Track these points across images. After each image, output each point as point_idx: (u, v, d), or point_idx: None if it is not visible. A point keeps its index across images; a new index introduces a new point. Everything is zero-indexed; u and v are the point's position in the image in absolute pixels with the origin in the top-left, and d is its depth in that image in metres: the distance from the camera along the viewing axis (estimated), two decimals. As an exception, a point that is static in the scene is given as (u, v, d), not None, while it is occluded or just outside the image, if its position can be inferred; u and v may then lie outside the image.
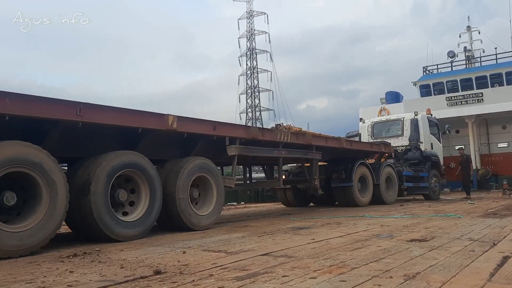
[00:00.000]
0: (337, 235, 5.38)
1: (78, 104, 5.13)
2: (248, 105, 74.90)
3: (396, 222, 6.82)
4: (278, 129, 8.83)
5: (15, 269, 3.73)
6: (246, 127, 7.90)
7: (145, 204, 5.94)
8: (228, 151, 7.39)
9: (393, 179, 12.74)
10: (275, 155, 8.72)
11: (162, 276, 3.21)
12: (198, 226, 6.60)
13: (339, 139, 11.28)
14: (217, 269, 3.44)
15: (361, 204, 11.19)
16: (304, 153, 9.65)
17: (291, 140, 8.92)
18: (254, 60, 74.49)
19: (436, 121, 16.71)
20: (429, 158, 14.74)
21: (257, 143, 8.09)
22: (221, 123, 7.35)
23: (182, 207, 6.38)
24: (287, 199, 12.82)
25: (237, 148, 7.45)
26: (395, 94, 28.02)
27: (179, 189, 6.36)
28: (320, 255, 3.97)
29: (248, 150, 7.82)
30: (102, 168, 5.39)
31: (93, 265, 3.83)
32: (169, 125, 6.22)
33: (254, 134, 7.85)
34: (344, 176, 11.09)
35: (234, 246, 4.76)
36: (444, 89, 25.98)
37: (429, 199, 14.30)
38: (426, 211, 9.16)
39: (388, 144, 13.88)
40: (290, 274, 3.16)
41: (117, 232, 5.48)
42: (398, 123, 15.30)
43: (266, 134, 8.34)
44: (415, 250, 4.07)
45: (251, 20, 74.23)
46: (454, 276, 2.99)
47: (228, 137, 7.37)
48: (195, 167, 6.72)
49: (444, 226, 6.15)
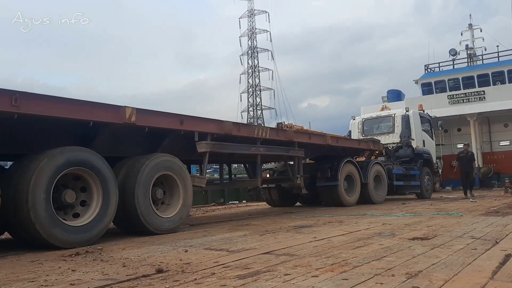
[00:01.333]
0: (339, 234, 5.38)
1: (14, 93, 4.52)
2: (250, 104, 74.97)
3: (398, 221, 6.81)
4: (255, 124, 8.67)
5: (18, 268, 3.74)
6: (219, 122, 7.17)
7: (96, 207, 5.32)
8: (198, 148, 6.81)
9: (383, 178, 12.26)
10: (252, 152, 8.16)
11: (164, 275, 3.21)
12: (161, 229, 6.05)
13: (323, 136, 10.76)
14: (219, 267, 3.44)
15: (347, 204, 10.73)
16: (286, 150, 9.13)
17: (271, 136, 8.41)
18: (255, 59, 74.57)
19: (429, 117, 16.29)
20: (421, 155, 14.28)
21: (232, 139, 7.56)
22: (189, 117, 6.70)
23: (142, 209, 5.82)
24: (271, 199, 12.33)
25: (207, 144, 6.87)
26: (396, 93, 27.99)
27: (138, 189, 5.80)
28: (322, 253, 3.97)
29: (221, 147, 7.26)
30: (42, 166, 4.76)
31: (95, 263, 3.84)
32: (126, 118, 5.62)
33: (228, 129, 7.22)
34: (329, 175, 10.60)
35: (236, 244, 4.76)
36: (446, 87, 25.96)
37: (422, 198, 13.85)
38: (428, 209, 9.15)
39: (377, 142, 13.40)
40: (292, 272, 3.16)
41: (61, 239, 4.83)
42: (389, 120, 14.84)
43: (242, 130, 7.72)
44: (417, 249, 4.07)
45: (253, 19, 74.24)
46: (456, 274, 2.98)
47: (197, 132, 6.74)
48: (158, 165, 6.15)
49: (446, 224, 6.14)
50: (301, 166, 9.81)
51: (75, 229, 5.03)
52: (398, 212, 8.64)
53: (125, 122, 5.66)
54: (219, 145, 7.19)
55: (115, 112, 5.61)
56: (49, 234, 4.73)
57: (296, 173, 9.60)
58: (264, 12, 73.95)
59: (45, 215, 4.71)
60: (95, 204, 5.35)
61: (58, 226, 4.83)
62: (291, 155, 9.42)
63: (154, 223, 5.99)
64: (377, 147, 13.15)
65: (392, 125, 14.58)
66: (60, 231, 4.84)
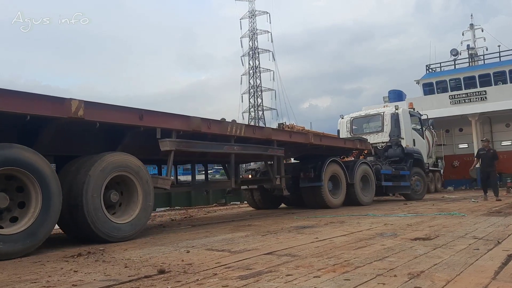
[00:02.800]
0: (341, 234, 5.37)
1: None
2: (251, 105, 74.95)
3: (399, 221, 6.80)
4: (228, 121, 7.63)
5: (20, 269, 3.74)
6: (185, 117, 6.57)
7: (34, 212, 4.65)
8: (161, 146, 6.26)
9: (370, 178, 11.73)
10: (225, 151, 7.54)
11: (166, 276, 3.21)
12: (114, 236, 5.41)
13: (305, 134, 10.27)
14: (221, 268, 3.44)
15: (332, 206, 10.23)
16: (264, 149, 8.52)
17: (246, 134, 7.80)
18: (256, 60, 74.54)
19: (419, 116, 15.89)
20: (411, 155, 13.75)
21: (202, 137, 7.01)
22: (150, 112, 6.10)
23: (92, 214, 5.16)
24: (254, 201, 11.76)
25: (172, 142, 6.30)
26: (398, 93, 27.99)
27: (88, 192, 5.16)
28: (324, 254, 3.97)
29: (189, 145, 6.66)
30: None
31: (97, 264, 3.84)
32: (72, 112, 4.97)
33: (196, 126, 6.65)
34: (313, 175, 10.07)
35: (237, 245, 4.76)
36: (447, 87, 25.95)
37: (410, 199, 13.29)
38: (430, 209, 9.14)
39: (365, 140, 12.77)
40: (294, 273, 3.16)
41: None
42: (378, 118, 14.37)
43: (213, 126, 7.11)
44: (419, 249, 4.06)
45: (253, 20, 74.24)
46: (458, 275, 2.98)
47: (159, 128, 6.16)
48: (112, 165, 5.50)
49: (448, 224, 6.13)
50: (282, 166, 9.31)
51: (7, 238, 4.37)
52: (400, 212, 8.63)
53: (71, 117, 5.01)
54: (186, 143, 6.59)
55: (59, 105, 4.98)
56: None
57: (276, 173, 9.04)
58: (265, 13, 74.00)
59: None
60: (32, 209, 4.69)
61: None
62: (270, 154, 8.85)
63: (106, 230, 5.33)
64: (365, 146, 12.57)
65: (381, 124, 14.14)
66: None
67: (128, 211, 5.80)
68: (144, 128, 5.97)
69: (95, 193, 5.26)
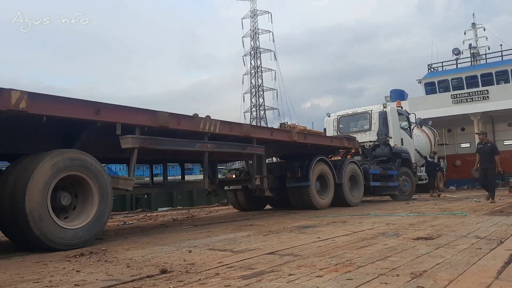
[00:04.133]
0: (343, 234, 5.37)
1: None
2: (253, 104, 74.99)
3: (402, 220, 6.80)
4: (202, 117, 7.10)
5: (22, 269, 3.75)
6: (151, 112, 6.12)
7: None
8: (122, 143, 5.75)
9: (358, 178, 11.37)
10: (197, 149, 6.99)
11: (169, 275, 3.21)
12: (63, 243, 4.83)
13: (288, 131, 9.74)
14: (223, 268, 3.44)
15: (320, 207, 9.83)
16: (242, 147, 8.01)
17: (221, 130, 7.32)
18: (258, 59, 74.61)
19: (407, 115, 15.50)
20: (399, 155, 13.48)
21: (172, 134, 6.57)
22: (108, 105, 5.53)
23: (36, 219, 4.60)
24: (238, 202, 11.22)
25: (135, 139, 5.80)
26: (400, 92, 27.98)
27: (31, 193, 4.60)
28: (326, 253, 3.97)
29: (154, 142, 6.17)
30: None
31: (99, 264, 3.85)
32: (12, 104, 4.42)
33: (164, 122, 6.20)
34: (299, 175, 9.63)
35: (239, 245, 4.76)
36: (449, 87, 25.90)
37: (397, 200, 13.02)
38: (432, 209, 9.12)
39: (353, 139, 12.31)
40: (296, 272, 3.16)
41: None
42: (365, 117, 14.01)
43: (184, 122, 6.61)
44: (422, 248, 4.06)
45: (255, 19, 74.31)
46: (461, 274, 2.97)
47: (120, 124, 5.61)
48: (61, 164, 4.92)
49: (450, 224, 6.13)
50: (263, 165, 8.89)
51: None
52: (402, 212, 8.62)
53: (11, 109, 4.45)
54: (151, 141, 6.09)
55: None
56: None
57: (255, 173, 8.55)
58: (267, 12, 74.10)
59: None
60: None
61: None
62: (249, 153, 8.32)
63: (53, 235, 4.75)
64: (353, 144, 12.12)
65: (369, 123, 13.78)
66: None
67: (83, 215, 5.24)
68: (102, 123, 5.43)
69: (40, 195, 4.69)
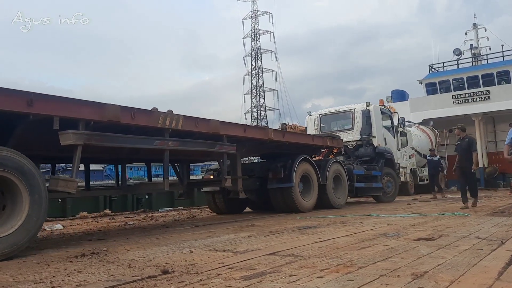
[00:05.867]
0: (344, 234, 5.37)
1: None
2: (253, 105, 75.00)
3: (403, 221, 6.80)
4: (162, 111, 6.48)
5: (24, 269, 3.76)
6: (98, 105, 5.47)
7: None
8: (61, 139, 5.07)
9: (343, 179, 10.92)
10: (156, 147, 6.34)
11: (170, 276, 3.22)
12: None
13: (264, 129, 9.13)
14: (224, 268, 3.45)
15: (303, 210, 9.31)
16: (210, 145, 7.35)
17: (185, 127, 6.70)
18: (259, 60, 74.61)
19: (390, 114, 15.13)
20: (383, 155, 13.02)
21: (125, 130, 5.93)
22: (43, 96, 4.91)
23: None
24: (216, 204, 10.56)
25: (78, 135, 5.12)
26: (400, 93, 28.00)
27: None
28: (327, 254, 3.97)
29: (102, 139, 5.50)
30: None
31: (101, 264, 3.86)
32: None
33: (113, 116, 5.53)
34: (282, 175, 9.12)
35: (240, 245, 4.77)
36: (451, 87, 25.91)
37: (380, 201, 12.71)
38: (433, 210, 9.12)
39: (337, 138, 11.79)
40: (297, 273, 3.16)
41: None
42: (348, 116, 13.61)
43: (139, 117, 5.98)
44: (423, 249, 4.06)
45: (256, 20, 74.34)
46: (462, 275, 2.97)
47: (58, 117, 4.94)
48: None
49: (451, 225, 6.12)
50: (237, 165, 8.42)
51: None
52: (403, 212, 8.62)
53: None
54: (99, 137, 5.44)
55: None
56: None
57: (225, 173, 7.92)
58: (268, 13, 74.13)
59: None
60: None
61: None
62: (219, 152, 7.64)
63: None
64: (336, 143, 11.54)
65: (351, 121, 13.39)
66: None
67: (8, 223, 4.57)
68: (35, 116, 4.80)
69: None
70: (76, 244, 5.46)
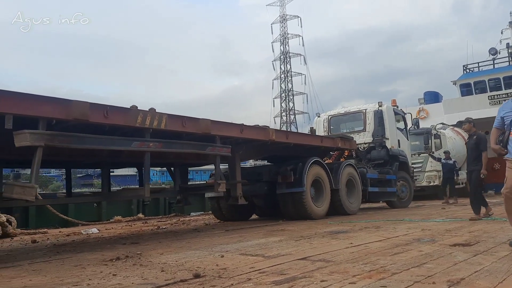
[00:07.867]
0: (376, 239, 5.28)
1: None
2: (283, 109, 74.98)
3: (437, 226, 6.62)
4: (141, 109, 5.81)
5: (62, 272, 3.89)
6: (63, 102, 4.87)
7: None
8: (16, 140, 4.53)
9: (356, 183, 10.27)
10: (134, 149, 5.70)
11: (202, 280, 3.26)
12: None
13: (264, 129, 8.27)
14: (255, 273, 3.45)
15: (315, 217, 8.68)
16: (199, 147, 6.70)
17: (170, 126, 6.09)
18: (288, 64, 74.69)
19: (403, 114, 14.28)
20: (397, 157, 12.28)
21: (98, 129, 5.37)
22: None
23: None
24: (220, 210, 9.92)
25: (37, 135, 4.59)
26: (434, 94, 27.34)
27: None
28: (359, 259, 3.91)
29: (67, 140, 4.91)
30: None
31: (135, 268, 3.94)
32: None
33: (80, 114, 4.92)
34: (293, 179, 8.51)
35: (271, 250, 4.76)
36: (486, 88, 25.08)
37: (394, 207, 12.13)
38: (470, 214, 8.83)
39: (349, 139, 11.10)
40: (329, 279, 3.13)
41: None
42: (359, 116, 12.84)
43: (114, 116, 5.35)
44: (459, 255, 3.94)
45: (285, 24, 74.50)
46: (501, 282, 2.87)
47: (11, 115, 4.36)
48: None
49: (489, 230, 5.92)
50: (236, 169, 7.89)
51: None
52: (438, 217, 8.40)
53: None
54: (63, 137, 4.87)
55: None
56: None
57: (218, 177, 7.28)
58: (296, 17, 74.20)
59: None
60: None
61: None
62: (211, 154, 7.04)
63: None
64: (349, 145, 10.75)
65: (363, 123, 12.60)
66: None
67: None
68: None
69: None
70: (111, 248, 5.59)
